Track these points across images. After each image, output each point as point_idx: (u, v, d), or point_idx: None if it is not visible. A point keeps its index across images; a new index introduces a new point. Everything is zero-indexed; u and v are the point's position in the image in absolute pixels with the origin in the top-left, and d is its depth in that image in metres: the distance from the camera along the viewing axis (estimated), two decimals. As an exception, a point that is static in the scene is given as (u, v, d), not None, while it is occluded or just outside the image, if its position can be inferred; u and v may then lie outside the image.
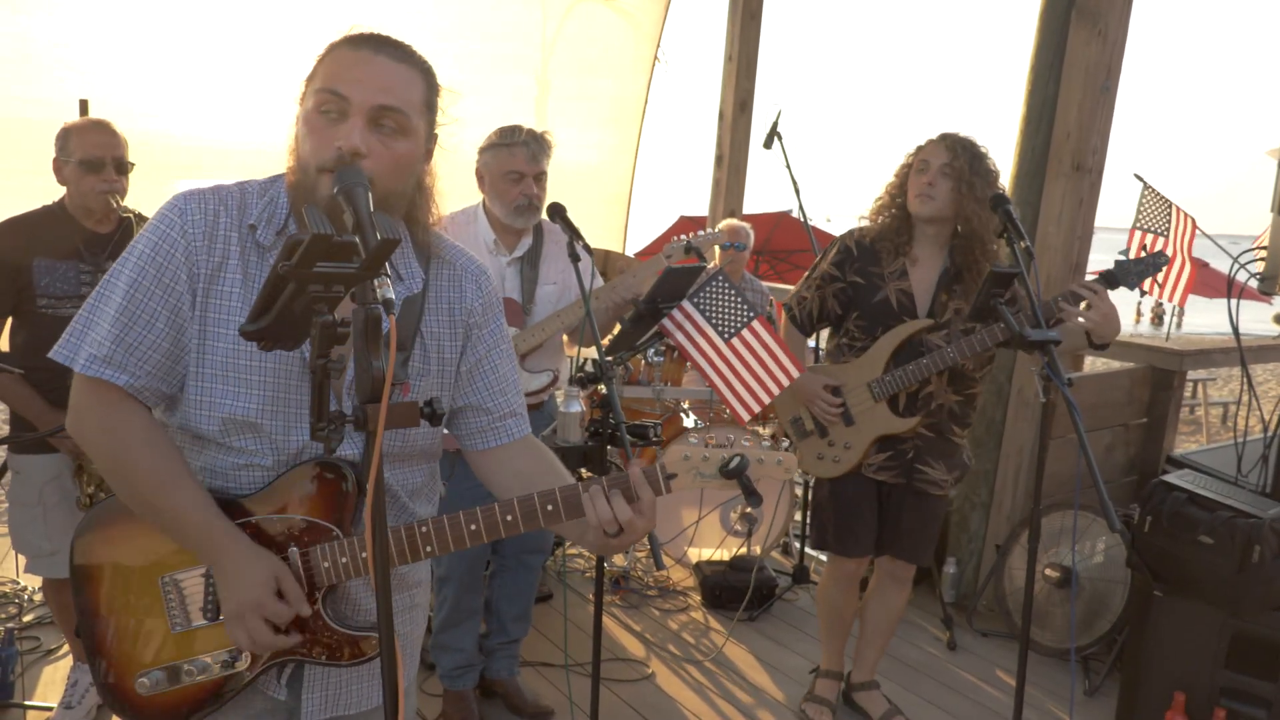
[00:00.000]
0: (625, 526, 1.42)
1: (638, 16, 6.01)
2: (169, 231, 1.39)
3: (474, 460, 1.66)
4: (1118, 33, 3.81)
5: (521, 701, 3.22)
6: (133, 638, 1.46)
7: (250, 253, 1.42)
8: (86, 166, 2.77)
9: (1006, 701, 3.48)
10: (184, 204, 1.40)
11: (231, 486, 1.46)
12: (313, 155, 1.36)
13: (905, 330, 2.90)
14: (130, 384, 1.39)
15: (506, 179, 2.86)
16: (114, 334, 1.37)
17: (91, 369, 1.38)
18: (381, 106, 1.36)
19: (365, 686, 1.58)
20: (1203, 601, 3.03)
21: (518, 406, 1.65)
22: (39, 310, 2.76)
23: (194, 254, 1.39)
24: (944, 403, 2.96)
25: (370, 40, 1.39)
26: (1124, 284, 2.74)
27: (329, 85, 1.35)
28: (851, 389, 2.98)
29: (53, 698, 3.09)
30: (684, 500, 4.32)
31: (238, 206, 1.43)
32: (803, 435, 3.09)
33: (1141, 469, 4.44)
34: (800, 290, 3.10)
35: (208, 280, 1.40)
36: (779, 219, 9.12)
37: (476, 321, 1.57)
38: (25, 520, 2.90)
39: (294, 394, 1.43)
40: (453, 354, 1.56)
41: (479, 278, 1.59)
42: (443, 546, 1.44)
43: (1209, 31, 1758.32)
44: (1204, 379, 11.18)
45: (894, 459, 2.98)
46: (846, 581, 3.17)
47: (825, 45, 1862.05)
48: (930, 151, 2.85)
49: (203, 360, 1.41)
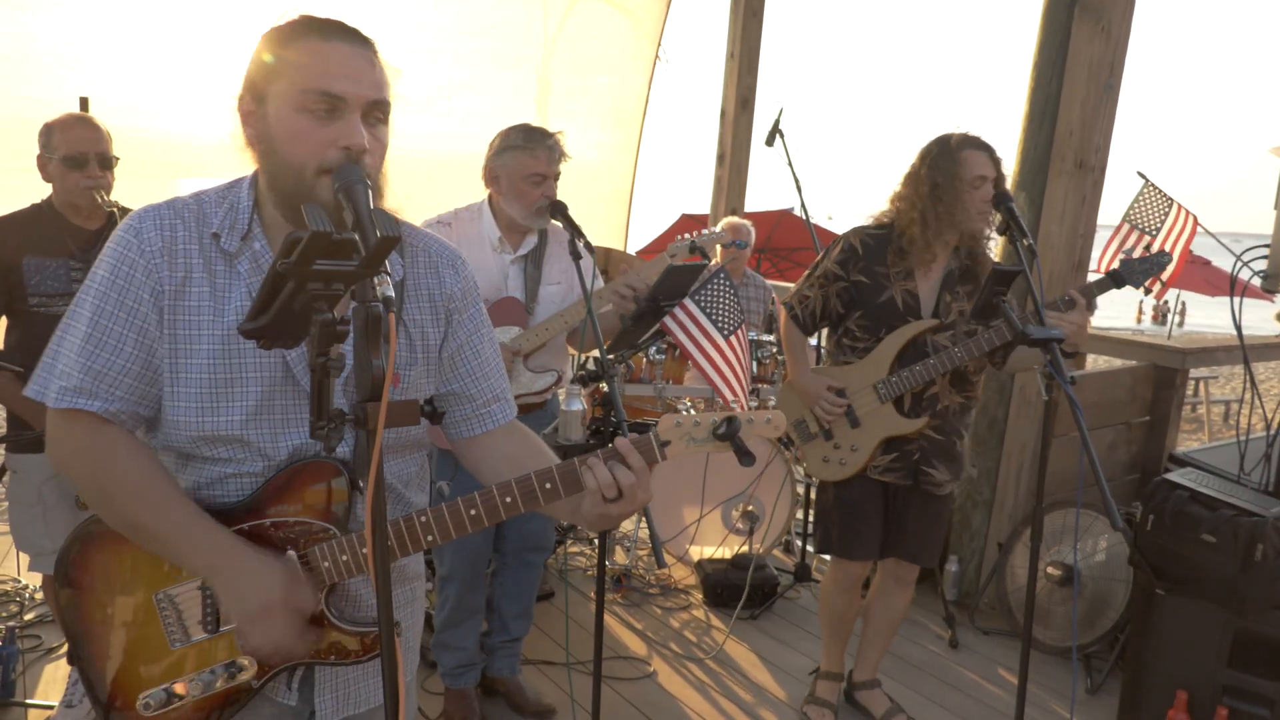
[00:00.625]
0: (625, 491, 1.41)
1: (639, 14, 6.00)
2: (126, 253, 1.36)
3: (461, 449, 1.65)
4: (1121, 30, 3.80)
5: (523, 700, 3.22)
6: (131, 659, 1.42)
7: (216, 262, 1.39)
8: (70, 163, 2.76)
9: (1008, 700, 3.48)
10: (138, 223, 1.37)
11: (219, 496, 1.44)
12: (310, 156, 1.31)
13: (911, 330, 2.88)
14: (105, 409, 1.37)
15: (528, 181, 2.83)
16: (81, 362, 1.35)
17: (64, 400, 1.35)
18: (374, 101, 1.34)
19: (374, 683, 1.57)
20: (1205, 600, 3.02)
21: (501, 391, 1.64)
22: (31, 309, 2.75)
23: (154, 272, 1.36)
24: (949, 404, 2.94)
25: (338, 30, 1.34)
26: (1130, 283, 2.76)
27: (319, 85, 1.30)
28: (857, 390, 2.96)
29: (54, 696, 3.08)
30: (686, 498, 4.32)
31: (195, 219, 1.40)
32: (807, 438, 3.07)
33: (1144, 467, 4.43)
34: (802, 289, 3.06)
35: (173, 297, 1.37)
36: (781, 217, 9.11)
37: (457, 307, 1.56)
38: (25, 519, 2.91)
39: (278, 400, 1.41)
40: (435, 340, 1.55)
41: (455, 263, 1.58)
42: (444, 534, 1.43)
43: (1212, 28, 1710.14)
44: (1206, 377, 11.17)
45: (899, 460, 2.96)
46: (850, 584, 3.16)
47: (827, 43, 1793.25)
48: (984, 165, 2.79)
49: (177, 379, 1.38)
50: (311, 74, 1.31)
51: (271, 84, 1.33)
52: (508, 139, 2.87)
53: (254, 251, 1.40)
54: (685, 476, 4.29)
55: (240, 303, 1.39)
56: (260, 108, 1.35)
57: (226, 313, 1.38)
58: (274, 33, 1.35)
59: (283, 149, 1.33)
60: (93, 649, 1.43)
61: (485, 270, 2.91)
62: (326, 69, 1.31)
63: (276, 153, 1.34)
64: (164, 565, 1.43)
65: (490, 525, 1.44)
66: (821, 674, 3.36)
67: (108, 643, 1.43)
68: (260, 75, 1.34)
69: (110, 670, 1.43)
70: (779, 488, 4.36)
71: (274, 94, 1.33)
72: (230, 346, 1.38)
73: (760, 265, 8.94)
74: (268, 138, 1.34)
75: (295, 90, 1.31)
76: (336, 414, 1.13)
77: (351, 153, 1.30)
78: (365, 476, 1.08)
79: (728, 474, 4.29)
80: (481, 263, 2.91)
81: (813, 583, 4.41)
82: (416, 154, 5.13)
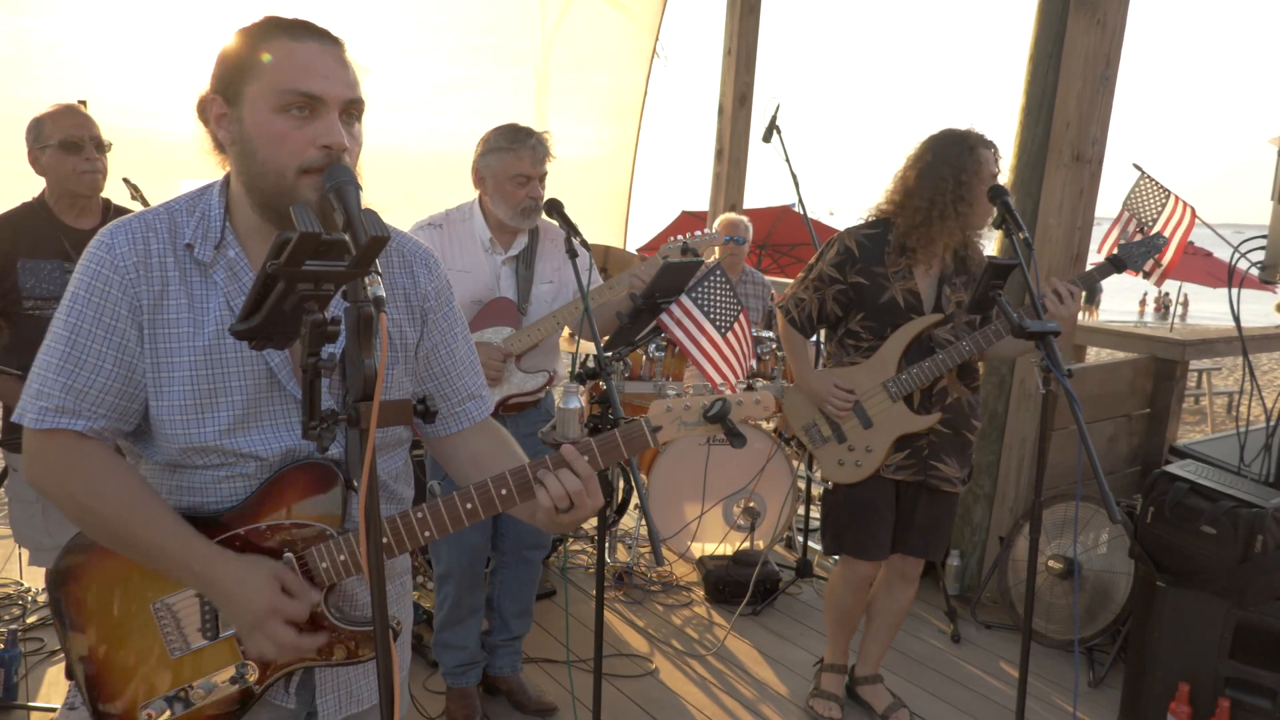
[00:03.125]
0: (574, 499, 1.42)
1: (636, 10, 6.00)
2: (100, 269, 1.34)
3: (434, 447, 1.66)
4: (1117, 21, 3.79)
5: (525, 698, 3.22)
6: (132, 670, 1.41)
7: (191, 273, 1.38)
8: (67, 148, 2.75)
9: (1010, 693, 3.48)
10: (110, 239, 1.35)
11: (211, 501, 1.43)
12: (291, 157, 1.30)
13: (916, 327, 2.87)
14: (89, 428, 1.36)
15: (512, 182, 2.83)
16: (62, 382, 1.33)
17: (45, 421, 1.34)
18: (350, 100, 1.34)
19: (372, 680, 1.58)
20: (1206, 592, 3.02)
21: (475, 388, 1.65)
22: (25, 311, 2.75)
23: (130, 286, 1.34)
24: (958, 396, 2.93)
25: (307, 30, 1.34)
26: (1130, 266, 2.78)
27: (296, 86, 1.29)
28: (866, 391, 2.93)
29: (56, 699, 3.09)
30: (687, 495, 4.32)
31: (168, 230, 1.38)
32: (820, 442, 3.03)
33: (1145, 459, 4.43)
34: (797, 292, 3.03)
35: (152, 310, 1.36)
36: (780, 213, 9.12)
37: (431, 306, 1.56)
38: (25, 516, 2.93)
39: (265, 406, 1.41)
40: (413, 340, 1.55)
41: (428, 261, 1.58)
42: (440, 530, 1.44)
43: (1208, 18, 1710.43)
44: (1209, 368, 11.15)
45: (911, 457, 2.95)
46: (860, 583, 3.13)
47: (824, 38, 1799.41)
48: (995, 164, 2.80)
49: (161, 392, 1.37)
50: (287, 74, 1.30)
51: (244, 86, 1.32)
52: (491, 140, 2.87)
53: (229, 260, 1.39)
54: (686, 473, 4.29)
55: (219, 312, 1.38)
56: (234, 110, 1.33)
57: (206, 324, 1.37)
58: (243, 34, 1.34)
59: (262, 151, 1.32)
60: (91, 661, 1.42)
61: (478, 271, 2.91)
62: (302, 68, 1.30)
63: (255, 154, 1.32)
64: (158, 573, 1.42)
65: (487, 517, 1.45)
66: (826, 666, 3.36)
67: (106, 654, 1.41)
68: (232, 77, 1.33)
69: (110, 682, 1.42)
70: (782, 484, 4.36)
71: (249, 96, 1.32)
72: (212, 357, 1.37)
73: (760, 261, 8.95)
74: (244, 139, 1.33)
75: (272, 91, 1.30)
76: (329, 414, 1.13)
77: (332, 152, 1.30)
78: (359, 475, 1.08)
79: (729, 470, 4.29)
80: (474, 264, 2.91)
81: (815, 579, 4.41)
82: (416, 152, 5.14)
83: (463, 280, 2.87)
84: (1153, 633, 3.14)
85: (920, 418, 2.91)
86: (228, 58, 1.34)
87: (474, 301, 2.90)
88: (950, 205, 2.78)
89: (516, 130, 2.85)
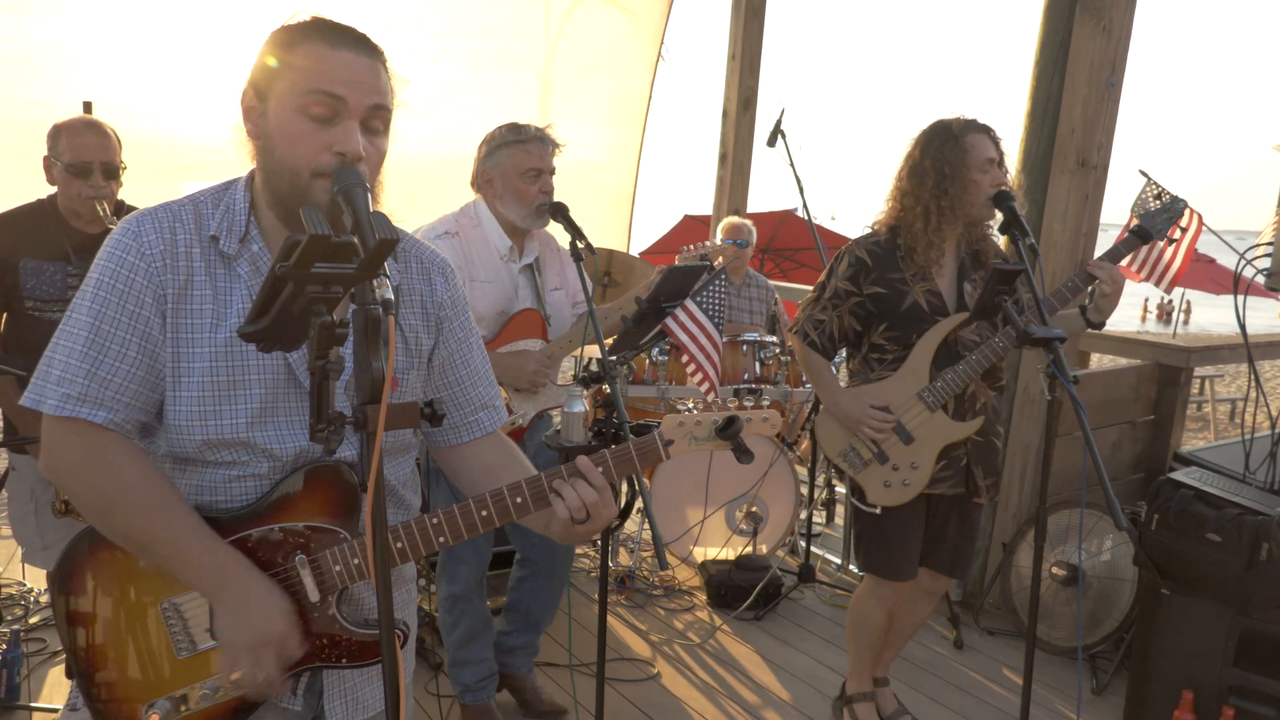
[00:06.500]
0: (590, 510, 1.43)
1: (640, 14, 6.00)
2: (125, 256, 1.33)
3: (443, 456, 1.65)
4: (1122, 27, 3.79)
5: (536, 699, 3.19)
6: (137, 670, 1.40)
7: (216, 265, 1.38)
8: (73, 170, 2.71)
9: (1013, 700, 3.47)
10: (136, 226, 1.35)
11: (222, 500, 1.42)
12: (306, 160, 1.31)
13: (943, 330, 2.74)
14: (110, 419, 1.34)
15: (524, 178, 2.73)
16: (85, 369, 1.31)
17: (66, 408, 1.31)
18: (374, 107, 1.34)
19: (378, 687, 1.57)
20: (1211, 599, 3.01)
21: (489, 398, 1.65)
22: (26, 312, 2.74)
23: (156, 275, 1.34)
24: (986, 399, 2.83)
25: (345, 35, 1.34)
26: (1154, 235, 2.74)
27: (322, 86, 1.30)
28: (902, 404, 2.79)
29: (58, 699, 3.09)
30: (689, 500, 4.32)
31: (194, 220, 1.38)
32: (860, 466, 2.85)
33: (1149, 466, 4.42)
34: (813, 313, 2.88)
35: (176, 300, 1.35)
36: (784, 217, 9.10)
37: (447, 315, 1.57)
38: (21, 515, 2.95)
39: (282, 402, 1.40)
40: (428, 346, 1.56)
41: (445, 271, 1.58)
42: (455, 536, 1.44)
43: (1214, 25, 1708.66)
44: (1212, 375, 11.14)
45: (949, 468, 2.82)
46: (890, 601, 3.00)
47: (828, 42, 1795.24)
48: (989, 148, 2.69)
49: (179, 383, 1.36)
50: (313, 77, 1.31)
51: (274, 83, 1.33)
52: (497, 138, 2.79)
53: (252, 254, 1.40)
54: (689, 477, 4.28)
55: (242, 305, 1.38)
56: (262, 105, 1.35)
57: (229, 315, 1.37)
58: (282, 32, 1.34)
59: (280, 149, 1.33)
60: (95, 660, 1.40)
61: (497, 281, 2.82)
62: (329, 71, 1.31)
63: (274, 152, 1.34)
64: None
65: (501, 524, 1.45)
66: (855, 698, 3.20)
67: (111, 654, 1.40)
68: (264, 73, 1.34)
69: (114, 682, 1.41)
70: (784, 489, 4.35)
71: (275, 93, 1.33)
72: (233, 349, 1.37)
73: (763, 266, 8.94)
74: (266, 135, 1.34)
75: (296, 92, 1.31)
76: (336, 416, 1.13)
77: (346, 159, 1.30)
78: (367, 479, 1.08)
79: (731, 475, 4.29)
80: (493, 274, 2.82)
81: (816, 584, 4.40)
82: (419, 155, 5.13)
83: (486, 292, 2.78)
84: (1156, 640, 3.13)
85: (962, 425, 2.78)
86: (264, 52, 1.35)
87: (499, 313, 2.82)
88: (934, 198, 2.70)
89: (520, 125, 2.78)
